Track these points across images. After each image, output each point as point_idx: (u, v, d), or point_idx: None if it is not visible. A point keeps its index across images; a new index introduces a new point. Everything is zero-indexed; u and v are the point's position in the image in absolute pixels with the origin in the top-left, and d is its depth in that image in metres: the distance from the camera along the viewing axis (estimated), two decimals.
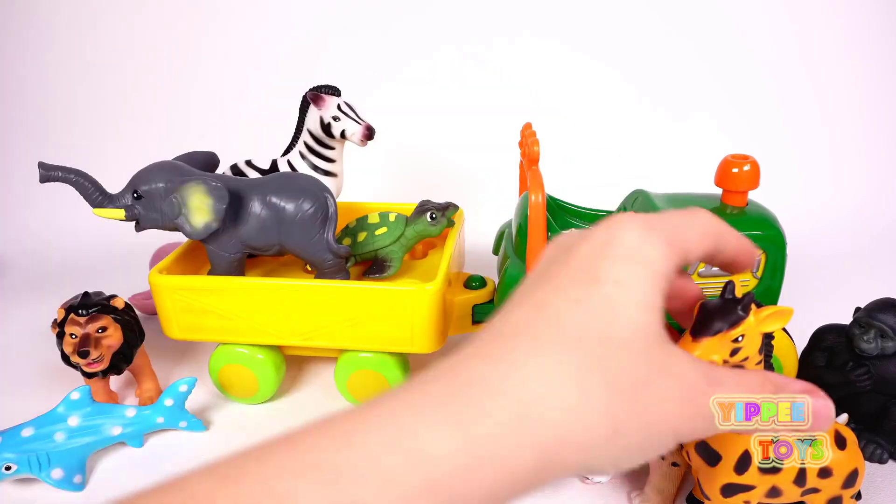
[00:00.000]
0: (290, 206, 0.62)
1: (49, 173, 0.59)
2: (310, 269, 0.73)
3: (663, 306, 0.22)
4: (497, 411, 0.18)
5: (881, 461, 0.56)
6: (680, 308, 0.29)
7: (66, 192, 0.66)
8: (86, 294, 0.62)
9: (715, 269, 0.58)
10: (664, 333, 0.22)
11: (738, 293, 0.30)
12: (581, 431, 0.19)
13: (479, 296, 0.67)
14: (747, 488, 0.40)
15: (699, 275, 0.58)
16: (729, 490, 0.41)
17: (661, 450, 0.21)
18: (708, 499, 0.43)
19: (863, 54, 1.12)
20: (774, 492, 0.41)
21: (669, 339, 0.22)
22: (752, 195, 0.61)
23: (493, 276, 0.70)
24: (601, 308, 0.21)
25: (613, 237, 0.22)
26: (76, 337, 0.60)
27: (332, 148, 0.72)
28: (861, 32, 1.11)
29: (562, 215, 0.71)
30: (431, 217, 0.69)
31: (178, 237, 0.69)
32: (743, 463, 0.40)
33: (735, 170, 0.59)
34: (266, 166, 0.74)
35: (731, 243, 0.26)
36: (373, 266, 0.70)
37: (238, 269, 0.65)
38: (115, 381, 0.70)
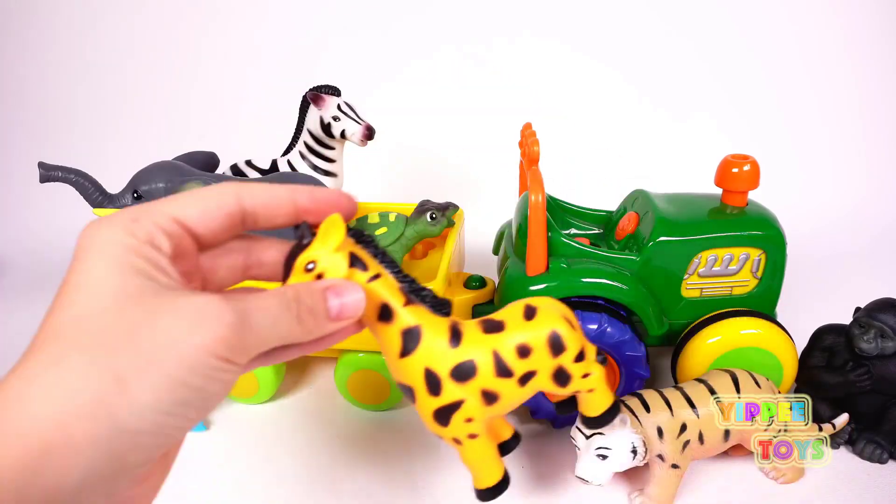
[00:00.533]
0: None
1: (49, 173, 0.59)
2: None
3: (146, 267, 0.23)
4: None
5: (881, 461, 0.56)
6: (267, 273, 0.30)
7: (66, 192, 0.66)
8: None
9: (715, 269, 0.58)
10: (160, 287, 0.23)
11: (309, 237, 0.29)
12: (81, 409, 0.20)
13: (479, 296, 0.67)
14: (456, 406, 0.35)
15: (699, 275, 0.58)
16: (442, 416, 0.35)
17: (204, 372, 0.22)
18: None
19: (863, 54, 1.12)
20: (490, 396, 0.35)
21: (175, 289, 0.23)
22: (752, 195, 0.61)
23: (493, 276, 0.70)
24: (71, 297, 0.22)
25: (79, 242, 0.24)
26: None
27: (332, 148, 0.72)
28: (861, 32, 1.11)
29: (562, 215, 0.71)
30: (431, 217, 0.69)
31: None
32: (432, 382, 0.34)
33: (735, 170, 0.59)
34: (266, 166, 0.74)
35: (260, 198, 0.27)
36: None
37: None
38: None
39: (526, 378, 0.36)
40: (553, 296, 0.57)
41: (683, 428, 0.50)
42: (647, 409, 0.51)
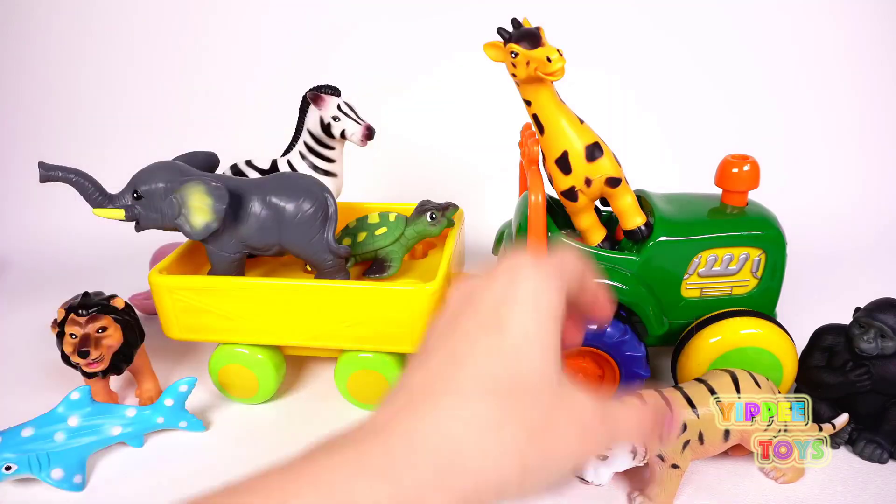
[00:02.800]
0: (289, 207, 0.62)
1: (49, 173, 0.59)
2: (310, 269, 0.73)
3: (559, 347, 0.24)
4: (423, 464, 0.20)
5: (881, 461, 0.56)
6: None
7: (66, 192, 0.66)
8: (86, 294, 0.62)
9: (715, 269, 0.58)
10: (561, 373, 0.24)
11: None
12: (497, 475, 0.21)
13: None
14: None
15: (699, 275, 0.58)
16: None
17: (561, 478, 0.23)
18: None
19: (862, 54, 1.12)
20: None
21: (565, 379, 0.24)
22: (752, 195, 0.61)
23: None
24: (510, 357, 0.23)
25: (513, 284, 0.24)
26: (76, 337, 0.60)
27: (332, 148, 0.72)
28: (861, 32, 1.11)
29: (562, 215, 0.71)
30: (431, 217, 0.69)
31: (178, 237, 0.69)
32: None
33: (735, 170, 0.59)
34: (266, 166, 0.74)
35: (591, 285, 0.28)
36: (373, 266, 0.70)
37: (238, 270, 0.65)
38: (115, 381, 0.70)
39: None
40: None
41: (683, 428, 0.50)
42: None
